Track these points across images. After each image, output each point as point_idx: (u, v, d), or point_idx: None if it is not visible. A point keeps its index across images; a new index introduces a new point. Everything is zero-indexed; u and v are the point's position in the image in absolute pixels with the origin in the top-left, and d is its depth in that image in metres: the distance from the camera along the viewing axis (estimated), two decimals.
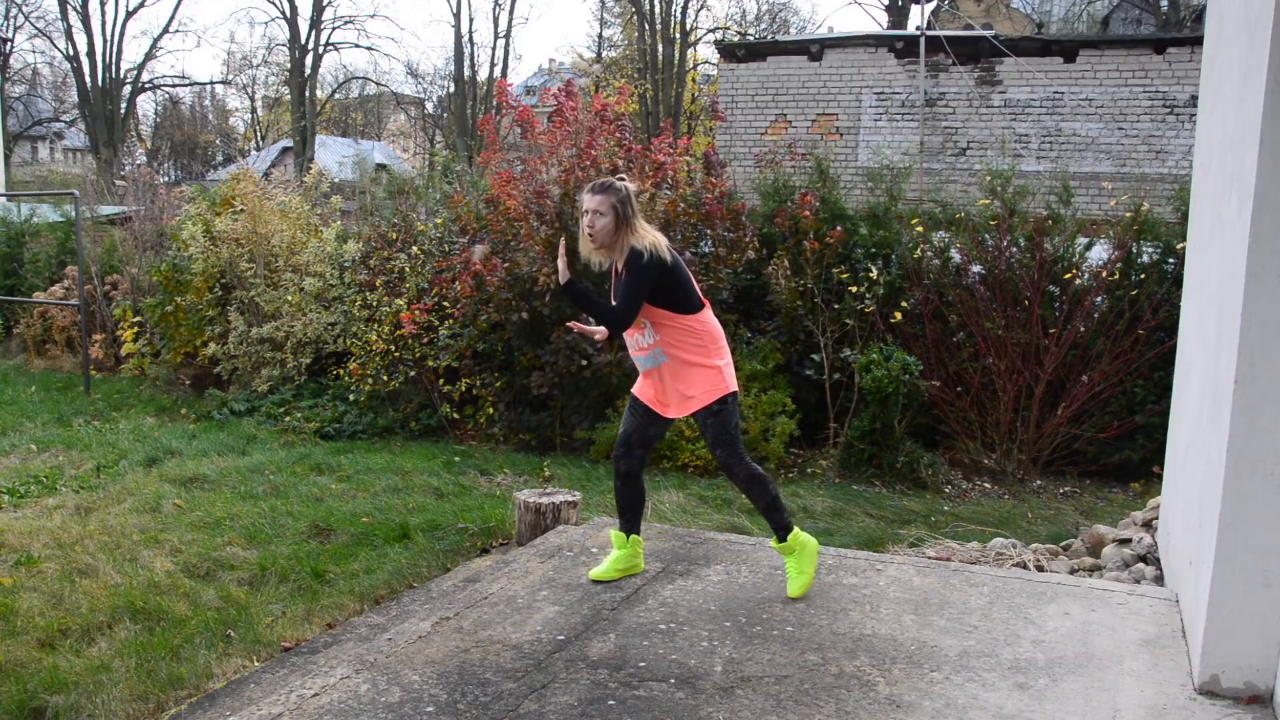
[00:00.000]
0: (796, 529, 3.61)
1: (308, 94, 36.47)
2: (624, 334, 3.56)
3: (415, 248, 8.22)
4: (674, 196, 7.49)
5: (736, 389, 3.58)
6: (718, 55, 15.80)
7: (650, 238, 3.47)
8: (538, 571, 3.89)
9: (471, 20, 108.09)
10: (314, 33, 37.21)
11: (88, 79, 35.05)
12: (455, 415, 7.69)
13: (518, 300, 7.15)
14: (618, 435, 3.70)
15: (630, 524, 3.75)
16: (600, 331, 3.62)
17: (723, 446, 3.50)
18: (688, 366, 3.51)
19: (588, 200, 3.49)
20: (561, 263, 3.51)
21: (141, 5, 51.90)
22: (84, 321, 9.87)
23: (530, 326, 7.22)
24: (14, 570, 4.55)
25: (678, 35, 34.96)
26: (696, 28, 36.67)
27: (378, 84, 43.28)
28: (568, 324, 3.91)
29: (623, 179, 3.55)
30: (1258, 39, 2.72)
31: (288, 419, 7.90)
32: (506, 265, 7.18)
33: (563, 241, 3.64)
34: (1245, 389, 2.67)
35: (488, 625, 3.33)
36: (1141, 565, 4.24)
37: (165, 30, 61.05)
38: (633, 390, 3.71)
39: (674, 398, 3.57)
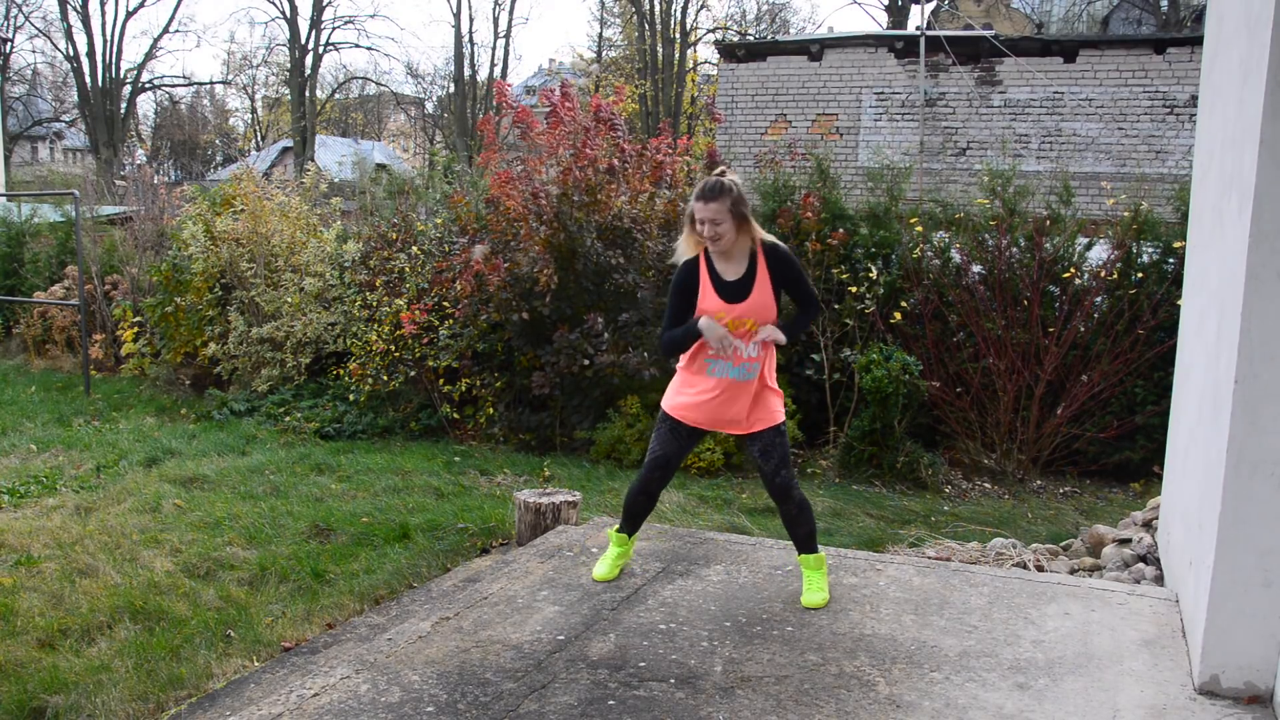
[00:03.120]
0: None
1: (308, 94, 36.48)
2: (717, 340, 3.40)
3: (415, 248, 8.22)
4: (674, 196, 7.50)
5: None
6: (718, 55, 15.80)
7: (769, 234, 3.44)
8: (538, 571, 3.89)
9: (471, 20, 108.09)
10: (314, 33, 37.25)
11: (88, 79, 35.06)
12: (455, 415, 7.69)
13: (518, 300, 7.15)
14: (654, 457, 3.54)
15: (636, 527, 3.76)
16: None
17: (787, 467, 3.48)
18: (764, 386, 3.48)
19: (700, 209, 3.28)
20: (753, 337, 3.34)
21: (141, 5, 51.98)
22: (84, 321, 9.87)
23: (530, 326, 7.22)
24: (14, 570, 4.55)
25: (678, 35, 34.98)
26: (696, 28, 36.73)
27: (378, 84, 43.34)
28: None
29: (722, 171, 3.37)
30: (1258, 39, 2.72)
31: (288, 419, 7.90)
32: (507, 265, 7.18)
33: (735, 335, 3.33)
34: (1245, 389, 2.67)
35: (488, 625, 3.33)
36: (1141, 565, 4.24)
37: (165, 30, 61.18)
38: (674, 412, 3.50)
39: (754, 415, 3.47)
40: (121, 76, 36.57)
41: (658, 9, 34.77)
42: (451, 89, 39.45)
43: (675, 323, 3.43)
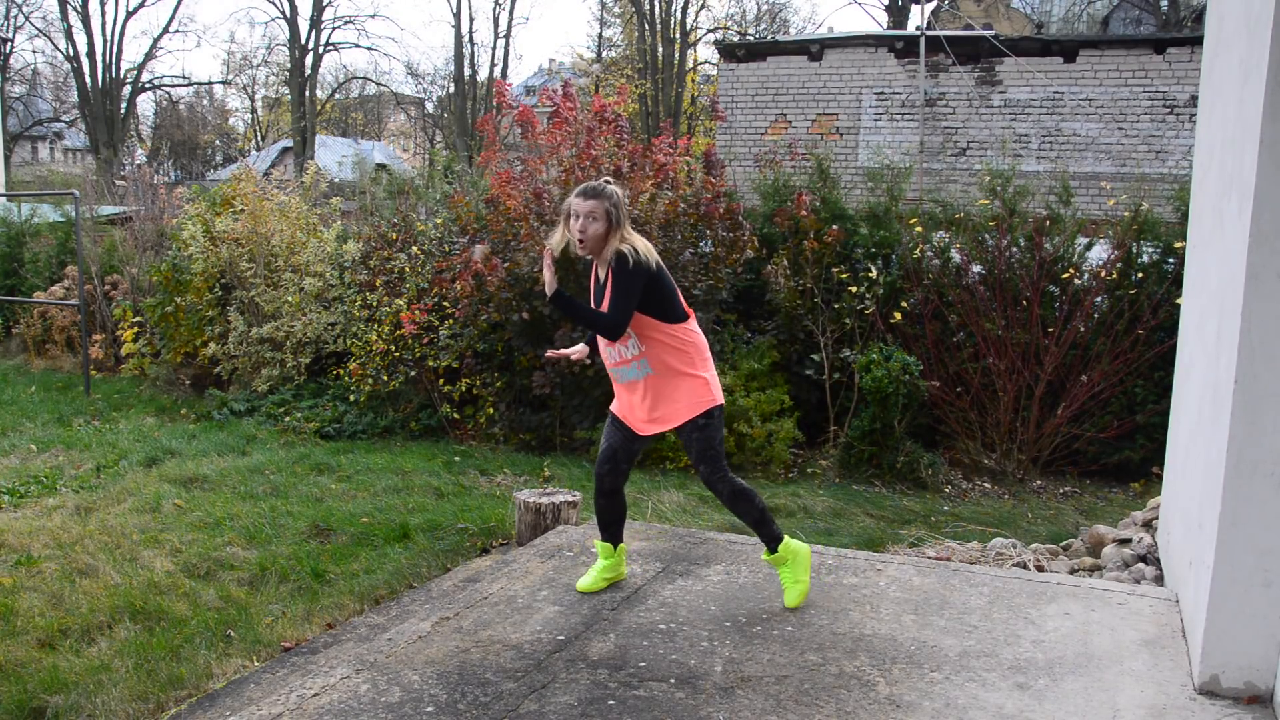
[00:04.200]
0: (787, 538, 3.52)
1: (308, 94, 36.48)
2: (605, 346, 3.48)
3: (415, 248, 8.22)
4: (674, 197, 7.50)
5: (722, 402, 3.48)
6: (718, 55, 15.80)
7: (639, 242, 3.39)
8: (538, 571, 3.89)
9: (472, 20, 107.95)
10: (314, 33, 37.25)
11: (88, 79, 35.06)
12: (455, 415, 7.69)
13: (518, 300, 7.15)
14: (600, 452, 3.58)
15: (615, 535, 3.68)
16: (578, 351, 3.68)
17: (706, 462, 3.40)
18: (675, 376, 3.41)
19: (578, 204, 3.36)
20: (548, 273, 3.38)
21: (141, 5, 51.91)
22: (84, 321, 9.87)
23: (530, 326, 7.22)
24: (14, 570, 4.55)
25: (678, 35, 34.97)
26: (696, 28, 36.71)
27: (378, 84, 43.34)
28: (546, 354, 3.83)
29: (610, 182, 3.46)
30: (1258, 39, 2.72)
31: (288, 419, 7.90)
32: (506, 265, 7.18)
33: (548, 251, 3.45)
34: (1245, 389, 2.67)
35: (488, 625, 3.33)
36: (1141, 565, 4.24)
37: (165, 30, 61.16)
38: (612, 409, 3.60)
39: (655, 412, 3.44)
40: (121, 76, 36.59)
41: (658, 9, 34.76)
42: (451, 89, 39.46)
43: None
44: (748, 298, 7.77)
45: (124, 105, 36.95)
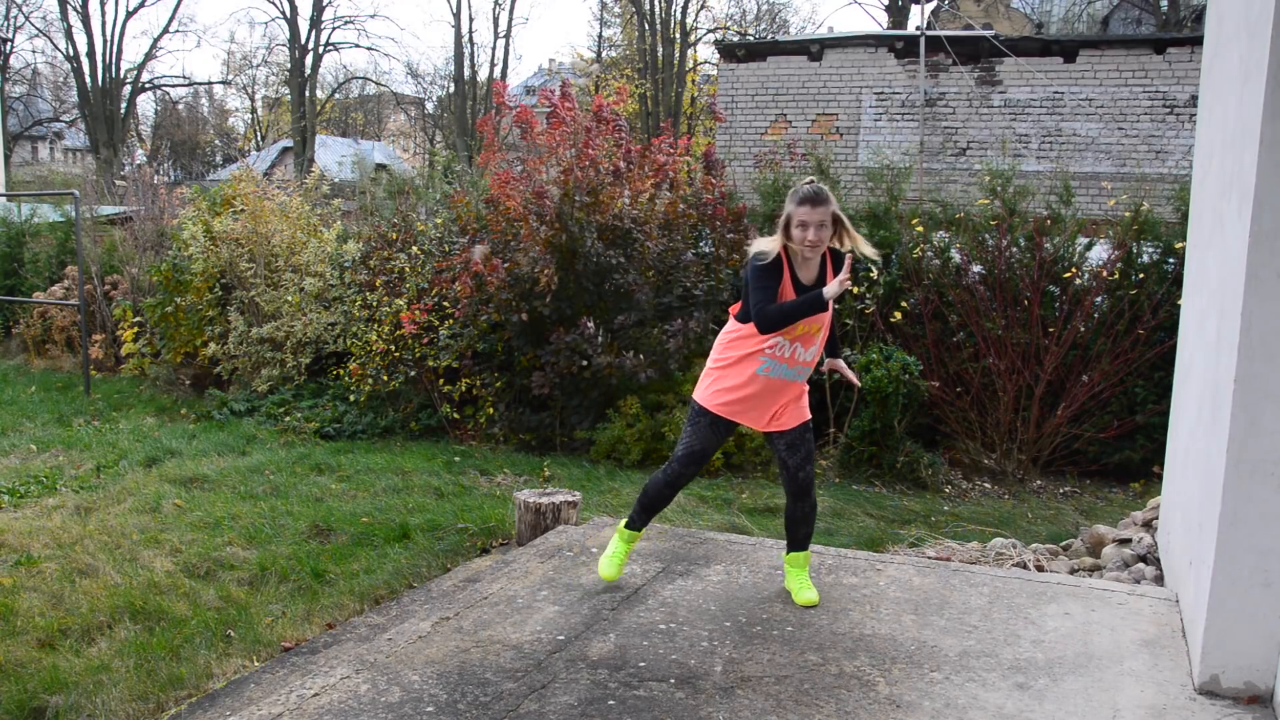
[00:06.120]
0: None
1: (308, 94, 36.48)
2: (788, 340, 3.37)
3: (415, 248, 8.22)
4: (674, 197, 7.50)
5: None
6: (718, 55, 15.80)
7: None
8: (538, 571, 3.89)
9: (471, 20, 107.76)
10: (314, 33, 37.25)
11: (88, 79, 35.05)
12: (455, 415, 7.69)
13: (518, 300, 7.15)
14: (689, 452, 3.51)
15: (647, 524, 3.71)
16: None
17: (811, 463, 3.51)
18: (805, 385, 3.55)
19: (811, 213, 3.24)
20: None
21: (141, 5, 51.79)
22: (84, 321, 9.87)
23: (530, 327, 7.22)
24: (14, 570, 4.55)
25: (678, 35, 34.97)
26: (696, 28, 36.71)
27: (378, 84, 43.33)
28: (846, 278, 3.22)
29: (813, 180, 3.38)
30: (1258, 39, 2.72)
31: (288, 419, 7.90)
32: (506, 265, 7.18)
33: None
34: (1245, 389, 2.67)
35: (488, 625, 3.33)
36: (1141, 565, 4.24)
37: (165, 30, 61.08)
38: (716, 409, 3.45)
39: (785, 413, 3.51)
40: (121, 76, 36.57)
41: (658, 9, 34.76)
42: (451, 89, 39.45)
43: (772, 300, 3.32)
44: None
45: (124, 105, 36.93)
